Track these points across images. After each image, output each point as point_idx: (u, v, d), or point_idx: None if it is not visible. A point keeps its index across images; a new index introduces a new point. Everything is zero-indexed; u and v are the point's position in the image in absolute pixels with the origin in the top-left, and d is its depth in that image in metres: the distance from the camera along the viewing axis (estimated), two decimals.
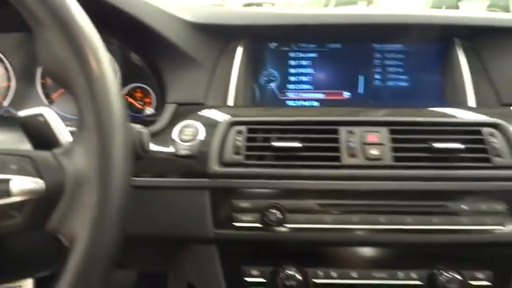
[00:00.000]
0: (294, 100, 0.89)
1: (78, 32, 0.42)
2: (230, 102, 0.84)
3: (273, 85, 0.90)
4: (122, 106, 0.44)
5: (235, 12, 0.89)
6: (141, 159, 0.61)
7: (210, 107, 0.82)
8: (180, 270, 0.83)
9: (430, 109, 0.82)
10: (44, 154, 0.45)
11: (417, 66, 0.88)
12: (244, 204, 0.72)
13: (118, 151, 0.42)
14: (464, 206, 0.71)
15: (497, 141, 0.73)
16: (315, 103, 0.88)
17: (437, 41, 0.88)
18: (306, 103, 0.89)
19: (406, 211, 0.71)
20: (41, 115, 0.52)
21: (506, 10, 6.46)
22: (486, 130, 0.74)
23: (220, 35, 0.87)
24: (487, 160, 0.72)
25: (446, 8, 6.78)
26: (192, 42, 0.84)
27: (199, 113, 0.80)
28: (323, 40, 0.90)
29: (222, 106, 0.83)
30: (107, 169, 0.42)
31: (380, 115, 0.78)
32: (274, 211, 0.71)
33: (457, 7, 6.83)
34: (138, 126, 0.60)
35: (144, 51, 0.85)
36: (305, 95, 0.89)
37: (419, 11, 0.90)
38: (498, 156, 0.72)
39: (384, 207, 0.71)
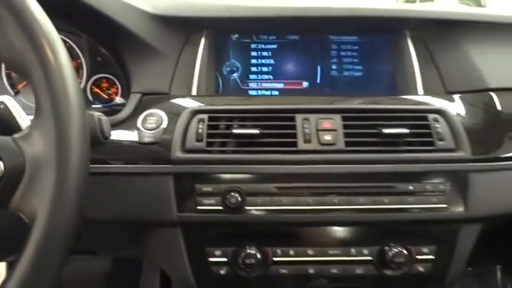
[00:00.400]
0: (256, 89, 0.93)
1: (33, 24, 0.45)
2: (194, 91, 0.87)
3: (235, 75, 0.93)
4: (78, 93, 0.47)
5: (198, 4, 0.92)
6: (101, 145, 0.64)
7: (174, 97, 0.85)
8: (148, 253, 0.87)
9: (382, 97, 0.87)
10: (4, 139, 0.47)
11: (370, 56, 0.93)
12: (206, 188, 0.76)
13: (74, 136, 0.45)
14: (411, 187, 0.77)
15: (440, 126, 0.79)
16: (275, 92, 0.93)
17: (389, 33, 0.93)
18: (267, 92, 0.93)
19: (357, 192, 0.76)
20: (2, 103, 0.55)
21: (478, 4, 6.67)
22: (431, 116, 0.80)
23: (183, 27, 0.90)
24: (431, 144, 0.78)
25: (421, 1, 6.95)
26: (155, 33, 0.87)
27: (163, 102, 0.83)
28: (283, 32, 0.94)
29: (185, 95, 0.86)
30: (64, 152, 0.45)
31: (334, 103, 0.83)
32: (234, 195, 0.75)
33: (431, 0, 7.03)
34: (97, 114, 0.63)
35: (108, 43, 0.88)
36: (266, 85, 0.93)
37: (373, 4, 0.95)
38: (441, 140, 0.78)
39: (337, 189, 0.76)
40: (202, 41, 0.90)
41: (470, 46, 0.89)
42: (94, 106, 0.93)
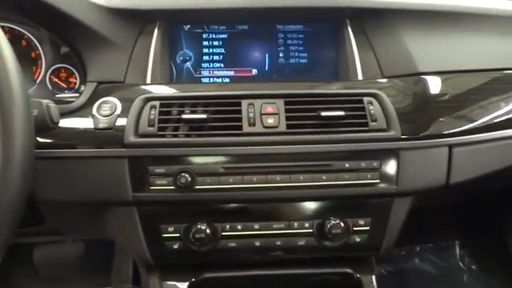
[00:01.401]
0: (208, 77, 0.99)
1: None
2: (148, 80, 0.92)
3: (188, 64, 0.99)
4: (20, 83, 0.53)
5: None
6: (50, 130, 0.69)
7: (128, 85, 0.91)
8: (108, 233, 0.93)
9: (323, 82, 0.94)
10: None
11: (315, 44, 1.00)
12: (158, 170, 0.82)
13: (17, 121, 0.51)
14: (347, 164, 0.84)
15: (374, 108, 0.86)
16: (226, 80, 0.99)
17: (331, 22, 1.00)
18: (219, 80, 0.99)
19: (298, 171, 0.83)
20: None
21: None
22: (365, 99, 0.87)
23: (137, 19, 0.95)
24: (365, 124, 0.85)
25: None
26: (110, 25, 0.92)
27: (118, 90, 0.89)
28: (233, 22, 0.99)
29: (140, 83, 0.91)
30: (8, 137, 0.50)
31: (278, 89, 0.89)
32: (184, 175, 0.81)
33: None
34: (46, 101, 0.68)
35: (63, 35, 0.92)
36: (217, 73, 0.99)
37: None
38: (374, 121, 0.85)
39: (280, 168, 0.83)
40: (155, 32, 0.95)
41: (405, 33, 0.96)
42: (58, 95, 0.98)
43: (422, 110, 0.89)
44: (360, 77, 0.94)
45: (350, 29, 0.98)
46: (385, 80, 0.94)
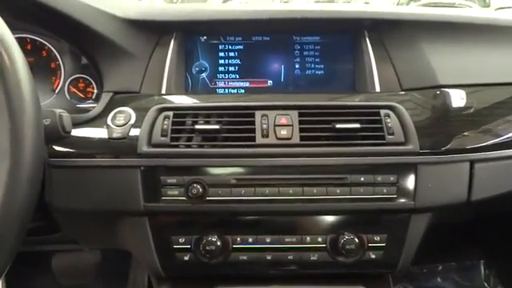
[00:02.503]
0: (223, 88, 0.99)
1: None
2: (163, 90, 0.93)
3: (204, 75, 0.99)
4: (31, 92, 0.53)
5: (168, 8, 0.98)
6: (63, 138, 0.70)
7: (143, 96, 0.91)
8: (120, 242, 0.93)
9: (339, 94, 0.92)
10: None
11: (331, 56, 0.99)
12: (170, 180, 0.82)
13: (27, 129, 0.51)
14: (362, 178, 0.82)
15: (391, 121, 0.84)
16: (242, 91, 0.98)
17: (349, 33, 0.98)
18: (234, 91, 0.98)
19: (311, 184, 0.82)
20: None
21: (483, 2, 6.66)
22: (383, 111, 0.85)
23: (154, 30, 0.96)
24: (382, 137, 0.83)
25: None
26: (127, 36, 0.93)
27: (133, 100, 0.89)
28: (249, 33, 0.99)
29: (155, 94, 0.92)
30: (17, 145, 0.51)
31: (292, 100, 0.88)
32: (196, 186, 0.80)
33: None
34: (59, 110, 0.69)
35: (82, 46, 0.94)
36: (233, 84, 0.99)
37: (334, 7, 1.00)
38: (391, 134, 0.83)
39: (292, 180, 0.82)
40: (172, 43, 0.96)
41: (424, 45, 0.94)
42: (79, 105, 1.00)
43: (442, 123, 0.86)
44: (378, 89, 0.92)
45: (368, 40, 0.96)
46: (403, 93, 0.91)
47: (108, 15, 0.90)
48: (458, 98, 0.90)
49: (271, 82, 0.98)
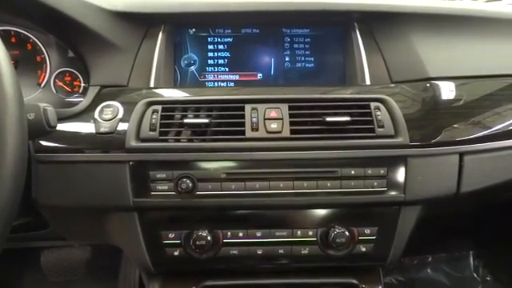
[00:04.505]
0: (213, 81, 0.97)
1: None
2: (152, 84, 0.91)
3: (193, 67, 0.98)
4: (13, 86, 0.52)
5: (156, 0, 0.96)
6: (48, 133, 0.69)
7: (131, 89, 0.90)
8: (109, 238, 0.91)
9: (329, 87, 0.92)
10: None
11: (322, 48, 0.98)
12: (159, 175, 0.81)
13: (9, 124, 0.50)
14: (352, 171, 0.81)
15: (381, 114, 0.83)
16: (231, 84, 0.97)
17: (338, 25, 0.98)
18: (223, 84, 0.97)
19: (302, 177, 0.81)
20: None
21: None
22: (373, 104, 0.84)
23: (141, 22, 0.94)
24: (372, 130, 0.82)
25: None
26: (114, 29, 0.91)
27: (121, 94, 0.88)
28: (238, 26, 0.98)
29: (143, 87, 0.90)
30: (1, 140, 0.49)
31: (282, 93, 0.88)
32: (186, 180, 0.80)
33: None
34: (43, 105, 0.67)
35: (67, 39, 0.92)
36: (222, 77, 0.97)
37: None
38: (381, 127, 0.82)
39: (283, 174, 0.81)
40: (160, 35, 0.94)
41: (414, 37, 0.94)
42: (65, 99, 0.98)
43: (432, 116, 0.86)
44: (368, 82, 0.92)
45: (358, 33, 0.95)
46: (393, 85, 0.91)
47: (94, 7, 0.88)
48: (447, 91, 0.90)
49: (261, 75, 0.97)
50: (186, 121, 0.81)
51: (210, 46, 0.98)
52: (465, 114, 0.88)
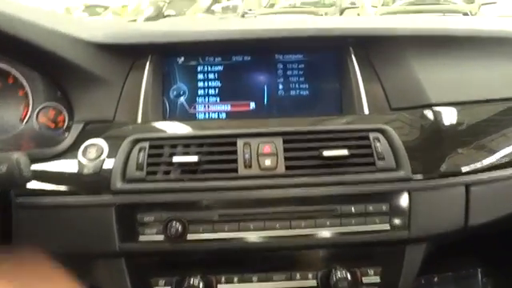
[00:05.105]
0: (203, 112, 0.93)
1: None
2: (139, 117, 0.87)
3: (182, 99, 0.93)
4: None
5: (141, 30, 0.92)
6: (22, 185, 0.64)
7: (118, 124, 0.85)
8: (97, 283, 0.86)
9: (326, 117, 0.87)
10: None
11: (317, 75, 0.93)
12: (147, 218, 0.76)
13: None
14: (353, 209, 0.77)
15: (381, 145, 0.79)
16: (223, 115, 0.92)
17: (333, 50, 0.93)
18: (215, 115, 0.93)
19: (299, 216, 0.77)
20: None
21: None
22: (372, 135, 0.80)
23: (127, 53, 0.90)
24: (372, 164, 0.78)
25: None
26: (97, 61, 0.87)
27: (106, 131, 0.83)
28: (228, 53, 0.94)
29: (130, 122, 0.86)
30: None
31: (276, 126, 0.83)
32: (175, 223, 0.75)
33: None
34: (16, 155, 0.63)
35: (46, 73, 0.87)
36: (213, 107, 0.93)
37: (316, 23, 0.95)
38: (382, 159, 0.78)
39: (279, 214, 0.77)
40: (147, 66, 0.90)
41: (413, 61, 0.89)
42: (49, 135, 0.93)
43: (435, 145, 0.82)
44: (366, 110, 0.87)
45: (354, 58, 0.91)
46: (393, 113, 0.86)
47: (74, 39, 0.84)
48: (449, 117, 0.85)
49: (254, 104, 0.92)
50: (174, 159, 0.77)
51: (200, 76, 0.94)
52: (469, 142, 0.84)
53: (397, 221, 0.77)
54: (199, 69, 0.94)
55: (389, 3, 7.24)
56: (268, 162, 0.78)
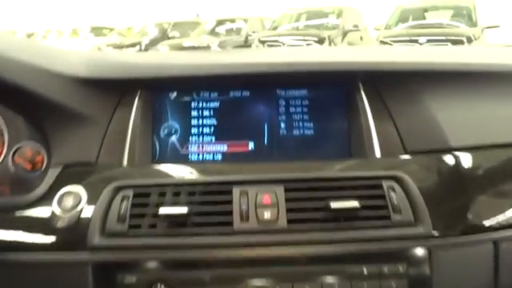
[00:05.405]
0: (197, 153, 0.84)
1: None
2: (125, 160, 0.78)
3: (174, 138, 0.84)
4: None
5: (129, 62, 0.84)
6: None
7: (101, 168, 0.77)
8: None
9: (333, 162, 0.78)
10: None
11: (322, 112, 0.84)
12: (129, 279, 0.67)
13: None
14: (365, 270, 0.67)
15: (396, 195, 0.70)
16: (219, 156, 0.83)
17: (341, 86, 0.84)
18: (209, 156, 0.83)
19: (303, 278, 0.67)
20: None
21: (470, 18, 6.70)
22: (386, 183, 0.71)
23: (113, 89, 0.82)
24: (387, 217, 0.68)
25: (413, 19, 6.96)
26: (80, 97, 0.78)
27: (86, 175, 0.75)
28: (225, 88, 0.85)
29: (114, 166, 0.77)
30: None
31: (277, 171, 0.74)
32: (161, 286, 0.66)
33: (424, 18, 7.06)
34: None
35: (23, 111, 0.79)
36: (207, 148, 0.84)
37: (322, 57, 0.87)
38: (398, 212, 0.69)
39: (280, 275, 0.67)
40: (136, 102, 0.82)
41: (430, 98, 0.80)
42: (26, 177, 0.84)
43: (457, 196, 0.72)
44: (378, 153, 0.78)
45: (363, 94, 0.82)
46: (408, 157, 0.77)
47: (53, 74, 0.76)
48: (474, 164, 0.75)
49: (253, 144, 0.83)
50: (161, 210, 0.68)
51: (194, 113, 0.85)
52: (496, 192, 0.74)
53: (416, 284, 0.67)
54: (193, 105, 0.85)
55: (391, 26, 7.23)
56: (267, 215, 0.68)
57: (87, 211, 0.69)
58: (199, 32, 8.88)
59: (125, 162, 0.78)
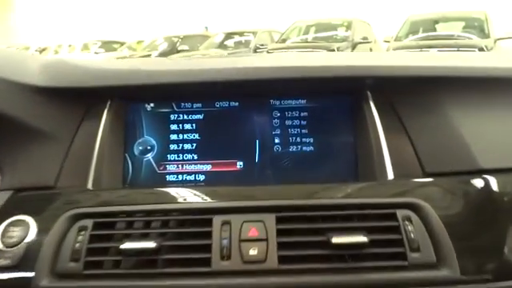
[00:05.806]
0: (175, 174, 0.72)
1: None
2: (90, 183, 0.66)
3: (149, 155, 0.72)
4: None
5: (100, 68, 0.73)
6: None
7: (58, 193, 0.65)
8: None
9: (336, 185, 0.65)
10: None
11: (324, 126, 0.72)
12: None
13: None
14: None
15: (414, 228, 0.57)
16: (201, 177, 0.71)
17: (346, 95, 0.72)
18: (191, 177, 0.71)
19: None
20: None
21: (482, 29, 6.58)
22: (400, 213, 0.58)
23: (79, 99, 0.70)
24: (402, 256, 0.55)
25: (424, 31, 6.86)
26: (39, 110, 0.67)
27: (40, 202, 0.63)
28: (210, 98, 0.73)
29: (76, 190, 0.65)
30: None
31: (267, 197, 0.61)
32: None
33: (434, 29, 6.96)
34: None
35: None
36: (188, 167, 0.72)
37: (322, 60, 0.75)
38: (416, 250, 0.56)
39: None
40: (105, 114, 0.70)
41: (452, 109, 0.67)
42: None
43: (490, 229, 0.59)
44: (390, 175, 0.64)
45: (372, 104, 0.69)
46: (428, 180, 0.64)
47: (9, 83, 0.64)
48: (507, 189, 0.62)
49: (241, 164, 0.71)
50: (126, 245, 0.56)
51: (174, 126, 0.73)
52: None
53: None
54: (172, 117, 0.73)
55: (401, 38, 7.11)
56: (254, 251, 0.56)
57: (35, 246, 0.58)
58: (208, 45, 8.87)
59: (89, 186, 0.66)
